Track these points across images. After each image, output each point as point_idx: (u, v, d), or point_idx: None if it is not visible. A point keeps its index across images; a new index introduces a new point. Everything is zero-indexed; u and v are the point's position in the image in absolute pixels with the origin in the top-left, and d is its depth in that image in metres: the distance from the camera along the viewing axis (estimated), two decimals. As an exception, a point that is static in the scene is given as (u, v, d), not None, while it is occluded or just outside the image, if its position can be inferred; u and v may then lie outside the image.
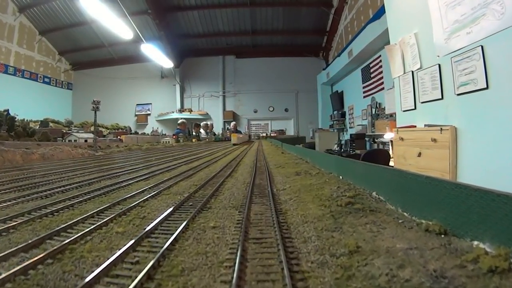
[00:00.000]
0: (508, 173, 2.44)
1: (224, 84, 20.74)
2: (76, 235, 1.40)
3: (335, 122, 14.97)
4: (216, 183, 2.86)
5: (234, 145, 12.04)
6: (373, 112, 10.06)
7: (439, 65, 3.37)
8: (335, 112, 15.08)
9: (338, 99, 14.60)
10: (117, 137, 15.52)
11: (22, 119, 13.51)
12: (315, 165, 3.90)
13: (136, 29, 13.35)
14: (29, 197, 2.39)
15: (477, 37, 2.75)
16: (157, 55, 16.04)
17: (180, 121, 19.30)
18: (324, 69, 16.87)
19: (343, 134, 13.99)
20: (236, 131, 17.93)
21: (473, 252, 1.02)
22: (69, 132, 13.45)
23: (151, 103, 21.55)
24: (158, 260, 1.09)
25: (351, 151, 9.17)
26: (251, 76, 20.20)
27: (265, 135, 19.91)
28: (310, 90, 18.53)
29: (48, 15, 17.11)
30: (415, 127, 3.83)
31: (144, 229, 1.46)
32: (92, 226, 1.53)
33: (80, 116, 19.06)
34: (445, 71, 3.28)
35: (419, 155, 3.51)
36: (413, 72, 3.96)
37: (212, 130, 20.04)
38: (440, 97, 3.37)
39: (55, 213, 1.89)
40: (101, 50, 20.09)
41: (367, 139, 9.83)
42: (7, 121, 10.16)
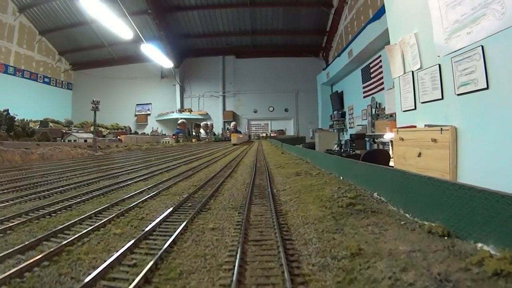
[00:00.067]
0: (509, 173, 2.43)
1: (224, 84, 20.74)
2: (73, 237, 1.39)
3: (335, 122, 14.96)
4: (216, 183, 2.84)
5: (234, 145, 12.09)
6: (373, 112, 10.05)
7: (439, 65, 3.35)
8: (335, 112, 15.07)
9: (338, 99, 14.59)
10: (116, 137, 15.48)
11: (22, 119, 13.50)
12: (315, 165, 3.88)
13: (136, 29, 13.35)
14: (27, 198, 2.38)
15: (477, 37, 2.74)
16: (157, 55, 16.04)
17: (180, 121, 19.28)
18: (324, 69, 16.87)
19: (343, 134, 13.98)
20: (236, 131, 17.91)
21: (478, 255, 1.01)
22: (68, 132, 13.43)
23: (151, 103, 21.55)
24: (156, 262, 1.08)
25: (351, 151, 9.15)
26: (251, 76, 20.20)
27: (265, 135, 19.90)
28: (310, 90, 18.53)
29: (48, 15, 17.10)
30: (415, 127, 3.82)
31: (142, 230, 1.44)
32: (90, 228, 1.51)
33: (80, 116, 19.07)
34: (445, 71, 3.27)
35: (419, 155, 3.49)
36: (413, 72, 3.95)
37: (212, 130, 20.03)
38: (440, 97, 3.36)
39: (52, 214, 1.88)
40: (101, 50, 20.10)
41: (367, 139, 9.82)
42: (6, 121, 10.14)
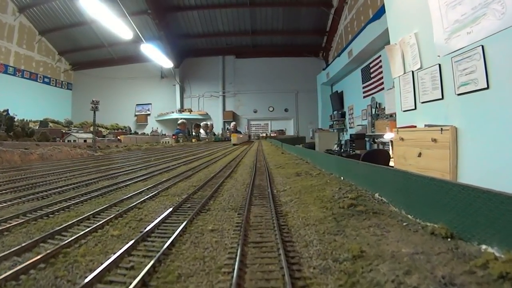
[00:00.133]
0: (509, 173, 2.41)
1: (224, 84, 20.72)
2: (71, 238, 1.37)
3: (335, 122, 14.94)
4: (215, 184, 2.82)
5: (234, 145, 12.10)
6: (373, 112, 10.03)
7: (440, 65, 3.34)
8: (335, 112, 15.05)
9: (338, 99, 14.57)
10: (116, 137, 15.45)
11: (22, 119, 13.49)
12: (315, 165, 3.86)
13: (136, 29, 13.33)
14: (25, 198, 2.36)
15: (477, 37, 2.73)
16: (157, 55, 16.02)
17: (180, 121, 19.26)
18: (324, 69, 16.85)
19: (343, 134, 13.97)
20: (236, 131, 17.90)
21: (482, 257, 0.99)
22: (68, 132, 13.41)
23: (150, 103, 21.53)
24: (153, 265, 1.06)
25: (351, 151, 9.13)
26: (251, 76, 20.17)
27: (265, 135, 19.88)
28: (310, 90, 18.51)
29: (48, 15, 17.09)
30: (415, 127, 3.81)
31: (140, 232, 1.42)
32: (87, 229, 1.49)
33: (79, 116, 19.05)
34: (445, 71, 3.26)
35: (419, 155, 3.49)
36: (413, 72, 3.94)
37: (212, 130, 20.01)
38: (441, 97, 3.35)
39: (50, 215, 1.87)
40: (101, 50, 20.08)
41: (367, 139, 9.80)
42: (6, 121, 10.12)
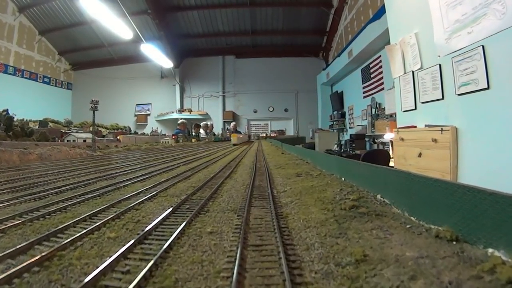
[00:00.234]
0: (509, 173, 2.40)
1: (224, 84, 20.69)
2: (66, 241, 1.34)
3: (335, 122, 14.92)
4: (215, 184, 2.79)
5: (234, 145, 12.09)
6: (373, 113, 10.00)
7: (440, 65, 3.33)
8: (335, 112, 15.02)
9: (338, 99, 14.55)
10: (115, 137, 15.42)
11: (22, 119, 13.47)
12: (316, 166, 3.83)
13: (136, 29, 13.31)
14: (22, 199, 2.33)
15: (478, 37, 2.72)
16: (157, 55, 16.00)
17: (180, 121, 19.23)
18: (324, 69, 16.83)
19: (343, 134, 13.94)
20: (236, 131, 17.87)
21: (489, 261, 0.96)
22: (68, 132, 13.38)
23: (150, 103, 21.50)
24: (150, 269, 1.02)
25: (351, 152, 9.11)
26: (251, 76, 20.15)
27: (265, 135, 19.85)
28: (310, 90, 18.49)
29: (48, 15, 17.07)
30: (415, 127, 3.80)
31: (137, 234, 1.39)
32: (84, 231, 1.46)
33: (79, 116, 19.02)
34: (445, 71, 3.24)
35: (419, 155, 3.47)
36: (413, 72, 3.92)
37: (212, 130, 19.98)
38: (441, 97, 3.34)
39: (46, 216, 1.84)
40: (101, 50, 20.06)
41: (367, 139, 9.78)
42: (5, 121, 10.09)
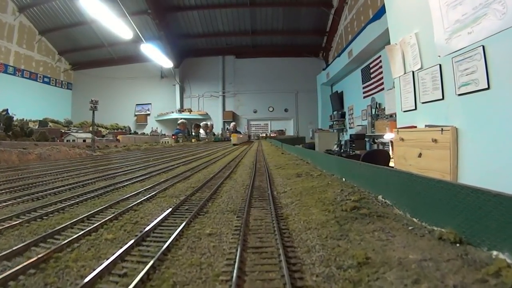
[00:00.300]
0: (509, 173, 2.39)
1: (224, 84, 20.66)
2: (63, 242, 1.32)
3: (334, 123, 14.89)
4: (214, 185, 2.77)
5: (234, 145, 12.10)
6: (373, 113, 9.97)
7: (440, 65, 3.32)
8: (334, 113, 15.00)
9: (338, 99, 14.52)
10: (115, 137, 15.39)
11: (21, 118, 13.45)
12: (316, 166, 3.81)
13: (136, 29, 13.28)
14: (20, 199, 2.32)
15: (478, 37, 2.71)
16: (156, 55, 15.97)
17: (180, 121, 19.20)
18: (324, 69, 16.80)
19: (342, 134, 13.92)
20: (236, 131, 17.85)
21: (494, 264, 0.94)
22: (67, 132, 13.36)
23: (150, 103, 21.47)
24: (147, 272, 1.00)
25: (350, 152, 9.08)
26: (250, 76, 20.12)
27: (264, 135, 19.81)
28: (310, 90, 18.46)
29: (48, 15, 17.04)
30: (415, 127, 3.79)
31: (135, 236, 1.37)
32: (81, 232, 1.44)
33: (79, 116, 18.99)
34: (446, 71, 3.23)
35: (419, 155, 3.46)
36: (413, 72, 3.91)
37: (211, 130, 19.95)
38: (441, 97, 3.33)
39: (44, 217, 1.82)
40: (101, 50, 20.02)
41: (367, 139, 9.75)
42: (4, 120, 10.07)
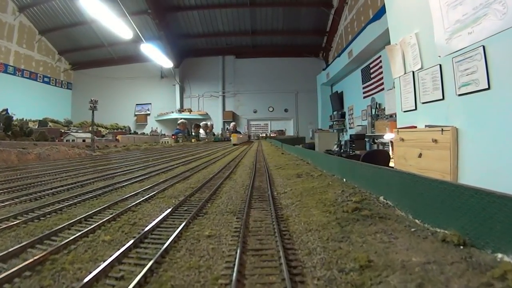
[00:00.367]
0: (510, 174, 2.38)
1: (224, 84, 20.63)
2: (60, 244, 1.30)
3: (334, 123, 14.87)
4: (214, 185, 2.75)
5: (234, 145, 12.09)
6: (373, 113, 9.96)
7: (440, 65, 3.31)
8: (334, 113, 14.98)
9: (338, 99, 14.50)
10: (115, 137, 15.36)
11: (21, 118, 13.43)
12: (316, 166, 3.80)
13: (136, 29, 13.26)
14: (17, 200, 2.30)
15: (478, 37, 2.70)
16: (156, 55, 15.95)
17: (180, 121, 19.17)
18: (324, 69, 16.78)
19: (342, 134, 13.90)
20: (236, 131, 17.83)
21: (499, 267, 0.92)
22: (67, 132, 13.32)
23: (150, 103, 21.44)
24: (145, 275, 0.98)
25: (350, 152, 9.05)
26: (250, 76, 20.09)
27: (264, 135, 19.78)
28: (310, 91, 18.44)
29: (48, 15, 17.02)
30: (415, 127, 3.78)
31: (133, 237, 1.35)
32: (78, 234, 1.42)
33: (79, 116, 18.97)
34: (446, 71, 3.23)
35: (419, 156, 3.46)
36: (414, 72, 3.91)
37: (211, 130, 19.93)
38: (441, 97, 3.32)
39: (41, 218, 1.80)
40: (101, 50, 19.99)
41: (367, 139, 9.73)
42: (4, 120, 10.03)
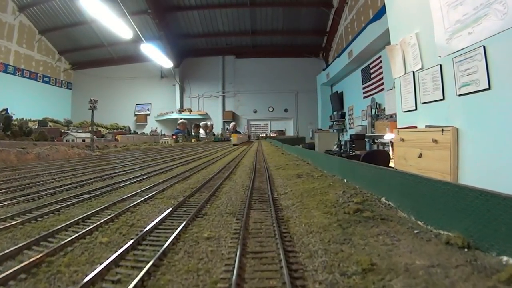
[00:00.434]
0: (510, 174, 2.37)
1: (224, 84, 20.62)
2: (56, 246, 1.28)
3: (334, 123, 14.86)
4: (213, 185, 2.72)
5: (234, 145, 12.09)
6: (373, 113, 9.95)
7: (441, 65, 3.30)
8: (334, 113, 14.97)
9: (338, 99, 14.49)
10: (114, 137, 15.34)
11: (21, 118, 13.40)
12: (317, 167, 3.77)
13: (136, 29, 13.24)
14: (15, 200, 2.28)
15: (479, 37, 2.69)
16: (156, 55, 15.93)
17: (180, 121, 19.15)
18: (324, 69, 16.77)
19: (342, 134, 13.89)
20: (236, 131, 17.81)
21: (505, 271, 0.89)
22: (67, 132, 13.30)
23: (150, 103, 21.42)
24: (142, 279, 0.96)
25: (350, 152, 9.03)
26: (250, 76, 20.08)
27: (264, 135, 19.77)
28: (310, 91, 18.43)
29: (48, 15, 17.00)
30: (416, 127, 3.77)
31: (131, 239, 1.32)
32: (75, 235, 1.40)
33: (79, 115, 18.96)
34: (446, 71, 3.22)
35: (420, 156, 3.45)
36: (414, 72, 3.90)
37: (211, 130, 19.90)
38: (442, 97, 3.31)
39: (38, 219, 1.78)
40: (100, 50, 19.97)
41: (366, 139, 9.71)
42: (3, 120, 10.00)
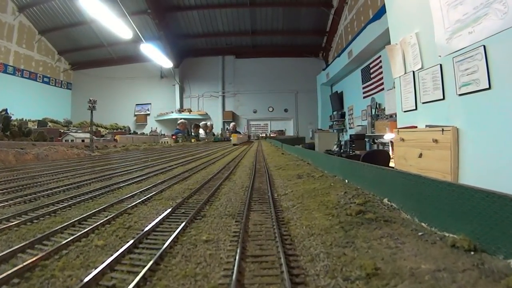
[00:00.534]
0: (510, 174, 2.36)
1: (224, 84, 20.58)
2: (51, 249, 1.25)
3: (334, 123, 14.84)
4: (213, 186, 2.69)
5: (234, 145, 12.08)
6: (373, 113, 9.92)
7: (441, 65, 3.29)
8: (334, 113, 14.94)
9: (338, 99, 14.47)
10: (114, 137, 15.29)
11: (21, 118, 13.37)
12: (317, 167, 3.74)
13: (136, 29, 13.22)
14: (12, 201, 2.25)
15: (479, 37, 2.68)
16: (156, 55, 15.91)
17: (180, 121, 19.12)
18: (323, 69, 16.75)
19: (342, 134, 13.86)
20: (235, 131, 17.78)
21: (514, 275, 0.86)
22: (66, 132, 13.26)
23: (150, 103, 21.38)
24: (137, 284, 0.92)
25: (350, 152, 9.00)
26: (250, 76, 20.04)
27: (264, 135, 19.73)
28: (310, 91, 18.40)
29: (48, 15, 16.97)
30: (416, 127, 3.76)
31: (127, 242, 1.29)
32: (70, 238, 1.36)
33: (79, 116, 18.90)
34: (446, 71, 3.20)
35: (420, 156, 3.43)
36: (414, 72, 3.89)
37: (211, 130, 19.87)
38: (442, 97, 3.30)
39: (34, 221, 1.75)
40: (100, 50, 19.93)
41: (366, 139, 9.69)
42: (3, 120, 9.97)
